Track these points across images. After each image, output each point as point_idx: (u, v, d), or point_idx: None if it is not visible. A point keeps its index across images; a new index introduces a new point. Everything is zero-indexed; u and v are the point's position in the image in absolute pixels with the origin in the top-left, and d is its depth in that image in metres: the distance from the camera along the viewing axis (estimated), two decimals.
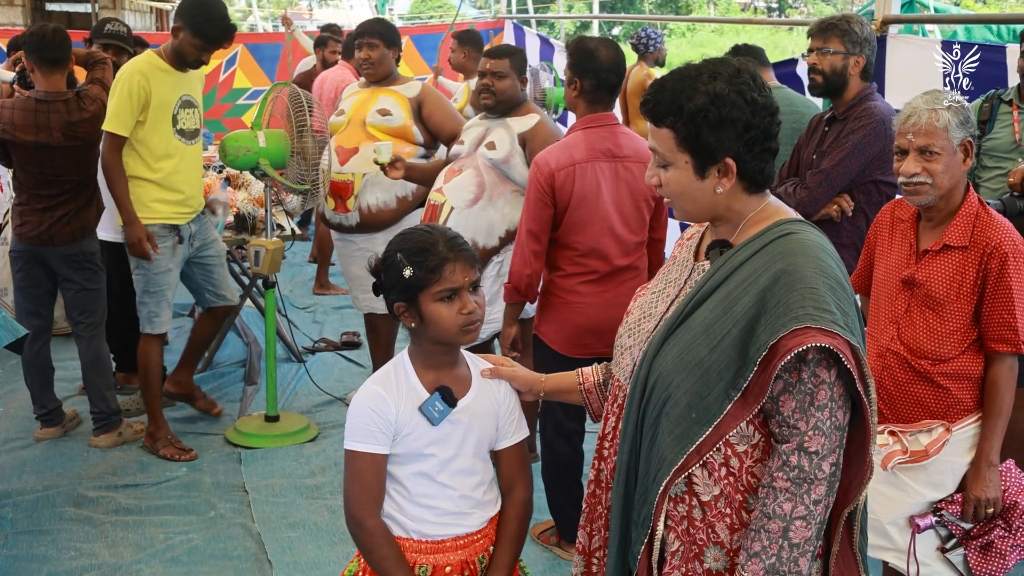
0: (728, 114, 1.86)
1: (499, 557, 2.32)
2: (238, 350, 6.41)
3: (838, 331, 1.77)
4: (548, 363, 3.38)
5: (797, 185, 3.92)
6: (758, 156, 1.91)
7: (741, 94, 1.87)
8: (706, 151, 1.89)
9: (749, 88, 1.88)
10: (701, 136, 1.88)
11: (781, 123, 1.96)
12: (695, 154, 1.90)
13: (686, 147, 1.90)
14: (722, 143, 1.88)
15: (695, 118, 1.87)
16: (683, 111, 1.88)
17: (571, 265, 3.66)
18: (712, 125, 1.87)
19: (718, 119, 1.86)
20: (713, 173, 1.91)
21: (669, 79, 1.94)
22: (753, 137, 1.89)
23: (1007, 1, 30.59)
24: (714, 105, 1.86)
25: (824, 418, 1.81)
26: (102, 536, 4.08)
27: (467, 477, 2.27)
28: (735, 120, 1.87)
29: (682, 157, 1.92)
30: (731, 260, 1.91)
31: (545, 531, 4.10)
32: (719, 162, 1.90)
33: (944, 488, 2.91)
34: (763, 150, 1.91)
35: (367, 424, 2.20)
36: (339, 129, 5.00)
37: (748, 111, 1.87)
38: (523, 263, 3.63)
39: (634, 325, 2.12)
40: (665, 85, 1.93)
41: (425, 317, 2.19)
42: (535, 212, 3.60)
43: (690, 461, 1.86)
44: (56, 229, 4.66)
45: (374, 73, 5.06)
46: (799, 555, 1.82)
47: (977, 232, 2.85)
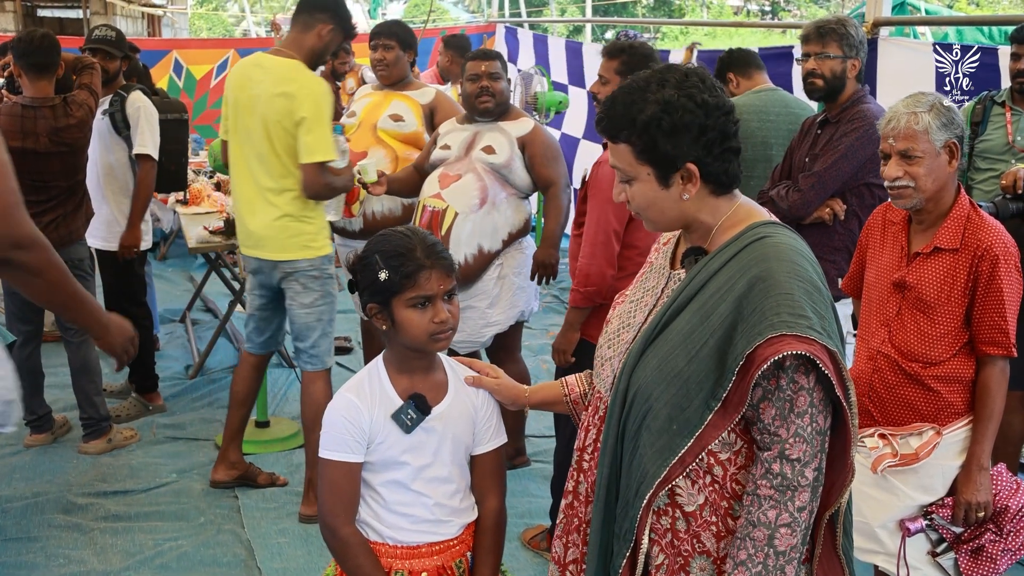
0: (681, 120, 1.84)
1: (480, 570, 2.31)
2: (229, 355, 6.39)
3: (815, 336, 1.75)
4: None
5: (789, 188, 3.91)
6: (719, 157, 1.89)
7: (691, 98, 1.85)
8: (666, 160, 1.87)
9: (699, 91, 1.86)
10: (658, 146, 1.86)
11: (738, 122, 1.94)
12: (655, 164, 1.89)
13: (645, 159, 1.89)
14: (680, 149, 1.86)
15: (649, 128, 1.85)
16: (636, 123, 1.86)
17: (631, 264, 3.57)
18: (667, 133, 1.85)
19: (672, 126, 1.84)
20: (677, 181, 1.89)
21: (619, 94, 1.92)
22: (711, 139, 1.87)
23: (1000, 3, 30.64)
24: (666, 113, 1.84)
25: (805, 424, 1.80)
26: (91, 543, 4.06)
27: (442, 485, 2.25)
28: (689, 125, 1.85)
29: (643, 169, 1.90)
30: (706, 268, 1.89)
31: (535, 536, 4.09)
32: (681, 169, 1.88)
33: (934, 492, 2.90)
34: (723, 150, 1.89)
35: (340, 433, 2.18)
36: (350, 131, 4.94)
37: (701, 114, 1.85)
38: (608, 264, 3.52)
39: (613, 335, 2.10)
40: (616, 100, 1.92)
41: (396, 322, 2.17)
42: (619, 212, 3.49)
43: (673, 473, 1.84)
44: (44, 235, 4.62)
45: (388, 75, 5.00)
46: (785, 562, 1.81)
47: (968, 234, 2.85)
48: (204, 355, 6.14)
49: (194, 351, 6.42)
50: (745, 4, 40.58)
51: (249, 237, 4.17)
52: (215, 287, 7.71)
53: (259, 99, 3.99)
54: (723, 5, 38.99)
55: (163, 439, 5.12)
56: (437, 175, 4.34)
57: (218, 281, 7.43)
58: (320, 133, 3.95)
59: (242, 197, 4.17)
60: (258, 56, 4.13)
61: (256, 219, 4.10)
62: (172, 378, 5.95)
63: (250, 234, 4.15)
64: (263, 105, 3.98)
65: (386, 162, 4.78)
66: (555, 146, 4.47)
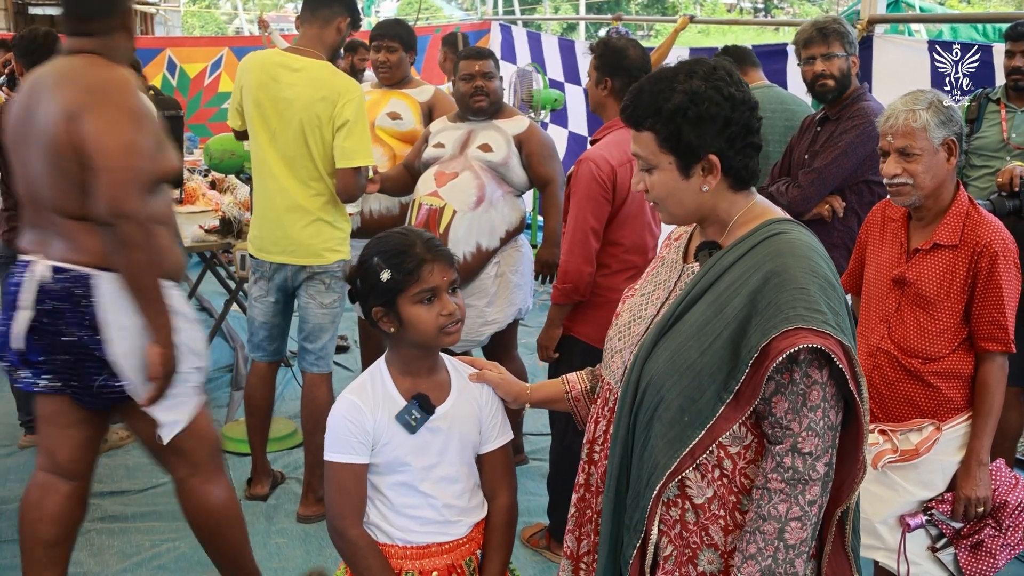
0: (707, 111, 1.86)
1: (488, 569, 2.31)
2: (225, 355, 6.38)
3: (829, 331, 1.76)
4: (587, 362, 3.28)
5: (789, 184, 3.92)
6: (741, 151, 1.90)
7: (719, 90, 1.87)
8: (688, 149, 1.88)
9: (726, 84, 1.88)
10: (682, 135, 1.87)
11: (761, 119, 1.95)
12: (678, 154, 1.89)
13: (668, 147, 1.90)
14: (704, 140, 1.87)
15: (675, 117, 1.87)
16: (662, 112, 1.88)
17: (616, 262, 3.61)
18: (692, 123, 1.86)
19: (697, 116, 1.86)
20: (698, 172, 1.90)
21: (646, 83, 1.93)
22: (734, 132, 1.88)
23: (991, 0, 30.72)
24: (692, 103, 1.86)
25: (817, 419, 1.80)
26: (87, 544, 4.04)
27: (450, 485, 2.25)
28: (715, 116, 1.86)
29: (665, 158, 1.91)
30: (721, 261, 1.90)
31: (534, 534, 4.09)
32: (703, 160, 1.89)
33: (934, 487, 2.91)
34: (745, 145, 1.91)
35: (345, 435, 2.17)
36: None
37: (727, 106, 1.87)
38: (585, 261, 3.55)
39: (624, 328, 2.11)
40: (643, 89, 1.93)
41: (404, 320, 2.17)
42: (597, 210, 3.53)
43: (684, 464, 1.85)
44: None
45: (391, 77, 4.99)
46: (795, 556, 1.81)
47: (967, 231, 2.86)
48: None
49: None
50: (738, 2, 40.65)
51: (276, 244, 4.07)
52: (208, 286, 7.70)
53: (294, 103, 3.92)
54: (716, 3, 39.03)
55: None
56: (432, 173, 4.32)
57: (211, 280, 7.42)
58: (361, 138, 3.93)
59: (268, 202, 4.07)
60: (281, 55, 4.05)
61: (285, 224, 4.03)
62: None
63: (277, 240, 4.06)
64: (301, 110, 3.91)
65: (384, 160, 4.77)
66: (551, 144, 4.48)
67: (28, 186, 2.97)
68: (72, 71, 2.92)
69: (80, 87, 2.86)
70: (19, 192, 3.03)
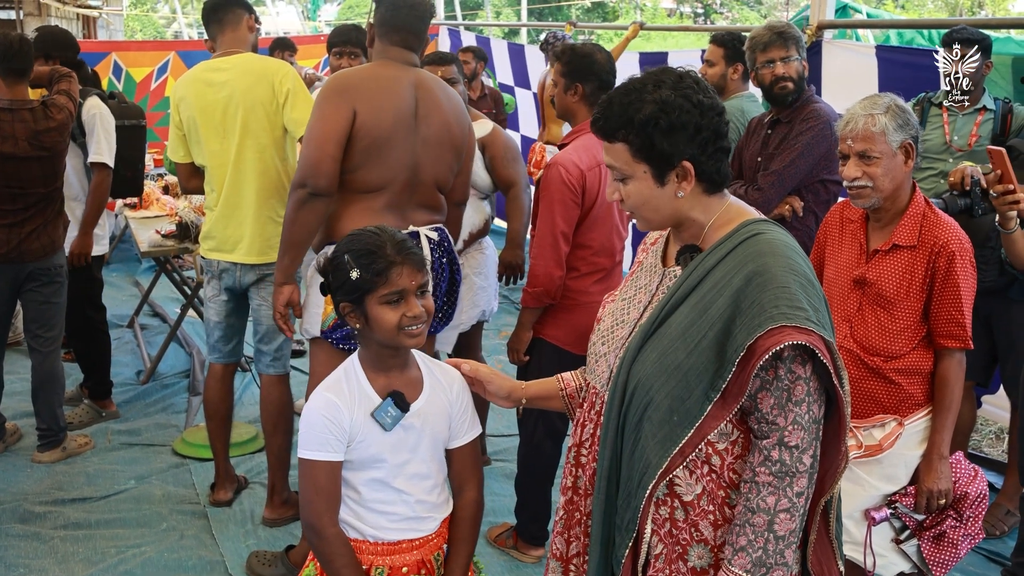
0: (678, 119, 1.89)
1: (454, 560, 2.35)
2: (181, 360, 6.33)
3: (812, 327, 1.81)
4: (556, 364, 3.32)
5: (748, 187, 3.99)
6: (712, 156, 1.95)
7: (687, 98, 1.91)
8: (662, 158, 1.92)
9: (694, 91, 1.92)
10: (655, 144, 1.91)
11: (729, 123, 2.00)
12: (652, 163, 1.93)
13: (642, 157, 1.93)
14: (677, 148, 1.91)
15: (646, 127, 1.90)
16: (634, 122, 1.91)
17: (585, 264, 3.65)
18: (664, 132, 1.90)
19: (669, 125, 1.89)
20: (672, 179, 1.94)
21: (615, 95, 1.97)
22: (705, 138, 1.92)
23: (925, 5, 31.35)
24: (663, 112, 1.89)
25: (802, 412, 1.85)
26: (52, 552, 4.00)
27: (422, 481, 2.28)
28: (685, 124, 1.90)
29: (640, 168, 1.95)
30: (702, 264, 1.94)
31: (501, 534, 4.11)
32: (676, 167, 1.93)
33: (898, 481, 2.98)
34: (716, 149, 1.95)
35: (321, 432, 2.19)
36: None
37: (696, 113, 1.91)
38: (556, 265, 3.57)
39: (607, 332, 2.14)
40: (612, 101, 1.96)
41: (370, 319, 2.20)
42: (566, 214, 3.55)
43: (674, 463, 1.88)
44: (26, 245, 4.54)
45: None
46: (784, 547, 1.86)
47: (925, 232, 2.94)
48: (156, 360, 6.07)
49: (144, 356, 6.34)
50: (678, 7, 41.01)
51: (226, 242, 4.07)
52: (162, 291, 7.63)
53: (233, 97, 3.93)
54: (656, 8, 39.34)
55: (118, 446, 5.05)
56: None
57: (164, 286, 7.35)
58: (306, 107, 3.90)
59: (225, 201, 4.06)
60: (208, 64, 4.07)
61: (236, 222, 4.03)
62: (123, 384, 5.86)
63: (227, 238, 4.06)
64: (241, 102, 3.92)
65: None
66: (515, 147, 4.51)
67: None
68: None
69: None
70: None
